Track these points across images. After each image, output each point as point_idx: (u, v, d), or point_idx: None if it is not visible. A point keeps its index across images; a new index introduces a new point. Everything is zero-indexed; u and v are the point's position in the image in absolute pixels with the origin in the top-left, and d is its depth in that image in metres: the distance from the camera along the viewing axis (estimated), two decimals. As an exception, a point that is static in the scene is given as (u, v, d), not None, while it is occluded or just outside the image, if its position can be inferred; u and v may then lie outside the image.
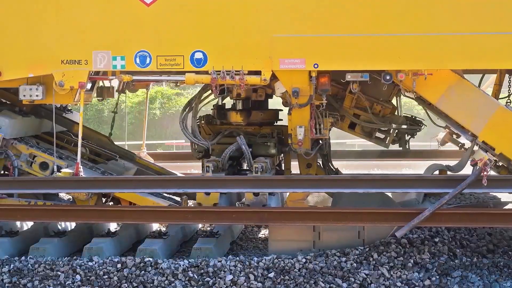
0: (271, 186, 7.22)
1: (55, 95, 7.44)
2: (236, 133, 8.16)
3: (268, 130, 8.28)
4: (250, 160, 7.57)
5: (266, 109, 8.46)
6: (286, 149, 8.27)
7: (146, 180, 7.36)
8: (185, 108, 8.00)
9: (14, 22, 7.35)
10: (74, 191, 7.41)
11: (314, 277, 6.50)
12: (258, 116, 8.25)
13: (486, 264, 6.71)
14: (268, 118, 8.36)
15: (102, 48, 7.31)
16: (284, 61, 7.16)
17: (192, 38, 7.23)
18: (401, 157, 10.54)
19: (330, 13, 7.10)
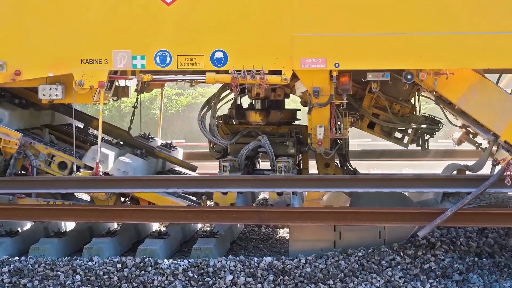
0: (271, 186, 7.23)
1: (75, 95, 7.43)
2: (254, 132, 8.15)
3: (286, 130, 8.26)
4: (273, 160, 7.54)
5: (284, 109, 8.43)
6: (304, 148, 8.25)
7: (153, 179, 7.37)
8: (204, 107, 7.98)
9: (34, 22, 7.34)
10: (93, 190, 7.38)
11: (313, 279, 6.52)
12: (277, 115, 8.24)
13: (486, 264, 6.70)
14: (287, 117, 8.35)
15: (122, 48, 7.30)
16: (305, 61, 7.14)
17: (213, 37, 7.21)
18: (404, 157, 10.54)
19: (351, 12, 7.09)
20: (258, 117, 8.12)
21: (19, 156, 7.72)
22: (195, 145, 19.23)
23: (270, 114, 8.19)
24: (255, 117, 8.14)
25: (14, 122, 7.87)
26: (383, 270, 6.57)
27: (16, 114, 7.94)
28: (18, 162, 7.74)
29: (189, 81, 7.67)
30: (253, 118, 8.15)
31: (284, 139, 8.12)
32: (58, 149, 7.83)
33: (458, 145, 9.27)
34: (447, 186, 7.10)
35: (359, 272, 6.56)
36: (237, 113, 8.31)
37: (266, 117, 8.15)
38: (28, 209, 7.30)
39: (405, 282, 6.48)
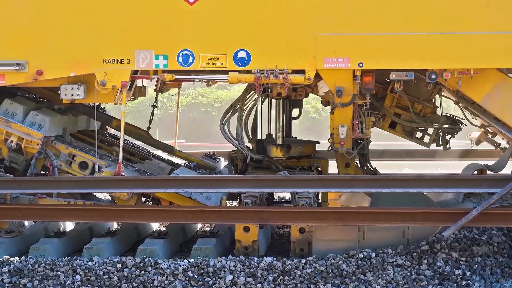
0: (271, 186, 7.20)
1: (97, 95, 7.41)
2: (275, 166, 8.12)
3: (306, 163, 8.24)
4: (295, 196, 7.35)
5: (304, 142, 8.43)
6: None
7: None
8: (228, 111, 7.96)
9: (56, 21, 7.33)
10: (115, 190, 7.36)
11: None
12: (297, 150, 8.18)
13: (489, 265, 6.68)
14: (307, 151, 8.31)
15: (145, 47, 7.28)
16: (328, 60, 7.12)
17: (236, 37, 7.20)
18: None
19: (374, 12, 7.07)
20: (279, 152, 8.02)
21: (40, 156, 7.70)
22: (195, 145, 19.27)
23: (291, 149, 8.12)
24: (276, 152, 8.02)
25: (53, 128, 7.85)
26: (384, 271, 6.55)
27: (56, 120, 7.91)
28: (39, 162, 7.72)
29: (206, 80, 7.65)
30: (274, 153, 8.02)
31: (305, 173, 8.10)
32: (79, 149, 7.81)
33: (476, 145, 9.27)
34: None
35: (360, 273, 6.54)
36: (257, 147, 8.23)
37: (287, 152, 8.07)
38: (29, 208, 7.29)
39: (406, 284, 6.45)
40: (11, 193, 7.33)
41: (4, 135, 7.51)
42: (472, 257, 6.70)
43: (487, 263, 6.68)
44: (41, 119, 7.69)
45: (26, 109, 7.75)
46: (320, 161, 8.37)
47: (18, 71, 7.36)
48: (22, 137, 7.51)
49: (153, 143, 8.97)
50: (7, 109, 7.70)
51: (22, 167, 7.72)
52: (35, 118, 7.69)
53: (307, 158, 8.34)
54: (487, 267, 6.65)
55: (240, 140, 7.88)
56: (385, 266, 6.59)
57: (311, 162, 8.28)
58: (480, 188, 6.94)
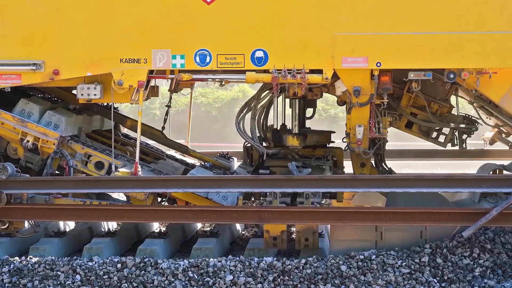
0: (271, 186, 7.18)
1: (113, 94, 7.39)
2: (290, 155, 8.12)
3: (322, 152, 8.24)
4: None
5: (320, 132, 8.41)
6: (340, 171, 8.28)
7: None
8: (242, 109, 7.95)
9: (73, 21, 7.31)
10: (133, 190, 7.34)
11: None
12: (313, 139, 8.18)
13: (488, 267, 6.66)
14: (322, 140, 8.31)
15: (162, 47, 7.27)
16: (346, 60, 7.11)
17: (253, 36, 7.18)
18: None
19: (393, 11, 7.06)
20: (295, 141, 8.01)
21: (56, 156, 7.68)
22: (195, 145, 19.19)
23: (307, 138, 8.11)
24: (292, 141, 8.02)
25: (69, 128, 7.83)
26: (384, 273, 6.53)
27: (72, 120, 7.90)
28: (54, 162, 7.70)
29: (219, 80, 7.63)
30: (291, 142, 8.02)
31: (320, 162, 8.09)
32: (95, 149, 7.79)
33: (490, 145, 9.26)
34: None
35: (360, 274, 6.52)
36: (273, 136, 8.22)
37: (303, 141, 8.06)
38: (29, 208, 7.26)
39: (405, 287, 6.43)
40: (28, 193, 7.32)
41: (20, 135, 7.48)
42: (478, 260, 6.69)
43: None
44: (57, 119, 7.68)
45: (42, 109, 7.73)
46: (336, 150, 8.36)
47: (34, 71, 7.35)
48: (38, 137, 7.49)
49: (167, 143, 8.96)
50: (23, 109, 7.68)
51: (38, 167, 7.70)
52: (51, 118, 7.68)
53: (322, 147, 8.33)
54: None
55: (255, 138, 7.86)
56: (386, 267, 6.57)
57: (326, 152, 8.28)
58: (480, 188, 6.92)
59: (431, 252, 6.70)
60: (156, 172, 7.91)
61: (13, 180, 7.14)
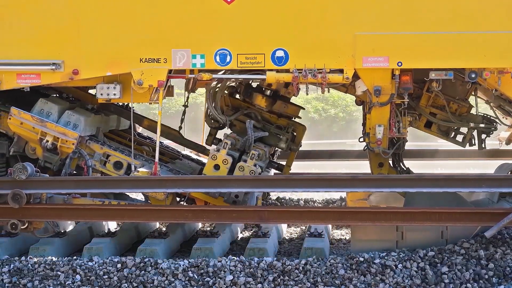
0: (271, 186, 7.22)
1: (133, 94, 7.37)
2: (254, 114, 8.15)
3: (284, 123, 8.27)
4: (251, 146, 7.56)
5: (290, 103, 8.37)
6: (294, 147, 8.37)
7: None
8: (217, 85, 8.06)
9: (93, 21, 7.29)
10: (153, 190, 7.33)
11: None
12: (281, 107, 8.19)
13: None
14: (289, 112, 8.29)
15: (182, 47, 7.24)
16: (367, 59, 7.08)
17: (274, 36, 7.15)
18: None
19: (414, 10, 7.03)
20: (263, 102, 8.06)
21: (75, 156, 7.67)
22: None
23: (276, 104, 8.13)
24: (260, 101, 8.06)
25: (88, 128, 7.82)
26: (383, 275, 6.52)
27: (90, 120, 7.88)
28: (73, 162, 7.69)
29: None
30: (259, 101, 8.06)
31: (279, 131, 8.14)
32: (113, 149, 7.78)
33: (507, 144, 9.23)
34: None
35: (360, 275, 6.51)
36: (245, 90, 8.22)
37: (271, 105, 8.10)
38: (29, 208, 7.25)
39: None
40: (47, 193, 7.32)
41: (39, 135, 7.47)
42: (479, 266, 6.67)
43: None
44: (76, 119, 7.66)
45: (60, 109, 7.71)
46: (299, 126, 8.40)
47: (54, 71, 7.33)
48: (58, 137, 7.47)
49: (184, 143, 8.94)
50: (42, 109, 7.66)
51: (56, 166, 7.69)
52: (70, 117, 7.66)
53: (287, 119, 8.34)
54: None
55: (218, 110, 8.05)
56: (385, 269, 6.57)
57: (289, 124, 8.30)
58: (481, 188, 6.92)
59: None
60: (175, 172, 7.90)
61: (33, 180, 7.15)
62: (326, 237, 7.79)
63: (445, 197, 7.22)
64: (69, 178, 7.35)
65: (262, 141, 8.04)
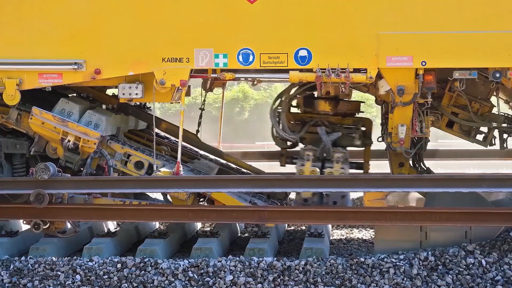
0: (271, 186, 7.18)
1: (155, 94, 7.35)
2: (320, 122, 8.11)
3: (351, 122, 8.25)
4: (330, 151, 7.51)
5: (352, 100, 8.36)
6: (368, 141, 8.30)
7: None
8: (275, 101, 7.97)
9: (115, 20, 7.27)
10: (175, 190, 7.30)
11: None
12: (345, 106, 8.16)
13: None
14: (354, 109, 8.28)
15: (204, 46, 7.22)
16: (391, 59, 7.06)
17: (297, 35, 7.13)
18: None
19: (438, 10, 7.01)
20: (327, 106, 8.04)
21: (96, 156, 7.65)
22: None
23: (339, 104, 8.10)
24: (324, 106, 8.04)
25: (109, 127, 7.80)
26: (383, 276, 6.50)
27: (111, 120, 7.87)
28: (94, 162, 7.67)
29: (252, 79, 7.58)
30: (322, 107, 8.04)
31: (350, 131, 8.10)
32: (134, 149, 7.75)
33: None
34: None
35: (360, 276, 6.49)
36: (305, 101, 8.19)
37: (335, 107, 8.07)
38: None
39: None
40: (69, 192, 7.30)
41: (61, 135, 7.45)
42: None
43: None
44: (98, 119, 7.64)
45: (81, 108, 7.69)
46: (365, 120, 8.35)
47: (76, 70, 7.31)
48: (79, 137, 7.45)
49: (201, 146, 8.91)
50: (63, 109, 7.64)
51: (77, 166, 7.67)
52: (91, 117, 7.65)
53: (351, 116, 8.32)
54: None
55: (287, 130, 7.93)
56: (384, 270, 6.55)
57: (356, 121, 8.27)
58: (480, 188, 6.88)
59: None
60: (196, 172, 7.87)
61: (55, 180, 7.13)
62: (326, 237, 7.78)
63: (467, 196, 7.21)
64: (92, 178, 7.32)
65: (337, 145, 7.92)
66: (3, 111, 7.76)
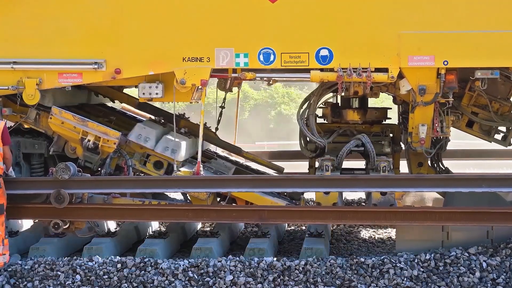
0: (271, 186, 7.18)
1: (175, 93, 7.33)
2: (349, 131, 8.07)
3: (379, 129, 8.21)
4: (375, 159, 7.43)
5: (379, 108, 8.36)
6: (397, 148, 8.20)
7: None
8: (302, 105, 7.89)
9: (135, 20, 7.25)
10: (195, 190, 7.29)
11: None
12: (373, 114, 8.15)
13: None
14: (381, 116, 8.27)
15: (225, 46, 7.20)
16: (412, 58, 7.04)
17: (318, 34, 7.13)
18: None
19: (461, 9, 6.99)
20: (356, 115, 8.05)
21: (115, 156, 7.63)
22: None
23: (368, 113, 8.08)
24: (353, 115, 8.05)
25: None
26: (382, 277, 6.48)
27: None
28: (113, 162, 7.65)
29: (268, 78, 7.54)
30: (351, 116, 8.06)
31: (379, 138, 8.05)
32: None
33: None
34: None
35: (359, 276, 6.47)
36: (332, 112, 8.19)
37: (364, 116, 8.06)
38: (29, 207, 7.27)
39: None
40: (89, 192, 7.28)
41: (81, 134, 7.43)
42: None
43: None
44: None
45: None
46: (393, 126, 8.34)
47: (96, 70, 7.30)
48: (99, 136, 7.43)
49: (220, 144, 8.88)
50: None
51: (96, 166, 7.65)
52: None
53: (379, 123, 8.31)
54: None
55: (315, 133, 7.82)
56: (384, 271, 6.53)
57: (383, 128, 8.24)
58: (481, 187, 6.87)
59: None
60: (214, 172, 7.86)
61: (75, 179, 7.11)
62: (326, 237, 7.75)
63: (486, 196, 7.19)
64: (111, 178, 7.31)
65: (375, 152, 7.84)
66: (21, 110, 7.74)
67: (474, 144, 11.19)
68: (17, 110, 7.70)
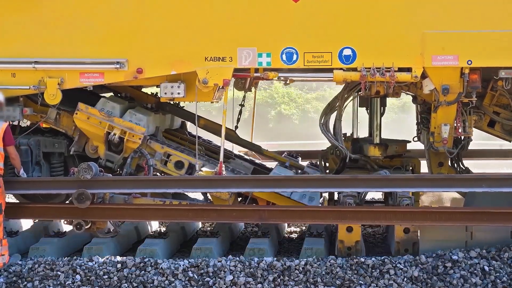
0: (271, 186, 7.17)
1: (197, 93, 7.31)
2: (369, 165, 8.09)
3: (399, 162, 8.22)
4: (397, 195, 7.29)
5: (399, 141, 8.34)
6: None
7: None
8: (326, 110, 7.87)
9: (158, 19, 7.23)
10: (216, 190, 7.27)
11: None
12: (393, 148, 8.14)
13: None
14: (401, 150, 8.26)
15: (247, 45, 7.18)
16: (436, 58, 7.01)
17: (341, 34, 7.10)
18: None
19: (485, 8, 6.96)
20: (377, 151, 8.01)
21: (136, 155, 7.61)
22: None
23: (388, 148, 8.06)
24: (374, 151, 8.01)
25: (149, 127, 7.78)
26: (382, 278, 6.48)
27: (151, 119, 7.84)
28: (133, 161, 7.64)
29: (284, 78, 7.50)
30: (372, 152, 8.01)
31: (400, 172, 8.04)
32: (174, 148, 7.71)
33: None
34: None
35: (359, 276, 6.47)
36: (353, 146, 8.18)
37: (385, 151, 8.02)
38: (30, 207, 7.27)
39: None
40: (110, 192, 7.26)
41: (106, 129, 7.43)
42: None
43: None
44: (138, 118, 7.62)
45: (122, 108, 7.67)
46: (413, 160, 8.30)
47: (118, 69, 7.28)
48: (125, 131, 7.42)
49: (240, 142, 8.87)
50: (102, 108, 7.61)
51: (117, 166, 7.63)
52: (132, 116, 7.62)
53: (399, 157, 8.27)
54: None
55: (340, 139, 7.79)
56: (384, 272, 6.53)
57: (403, 161, 8.21)
58: (481, 187, 6.86)
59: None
60: (236, 172, 7.84)
61: (98, 179, 7.09)
62: (326, 237, 7.74)
63: (506, 196, 7.15)
64: (135, 178, 7.30)
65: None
66: (41, 110, 7.73)
67: (493, 144, 11.16)
68: (37, 110, 7.69)
